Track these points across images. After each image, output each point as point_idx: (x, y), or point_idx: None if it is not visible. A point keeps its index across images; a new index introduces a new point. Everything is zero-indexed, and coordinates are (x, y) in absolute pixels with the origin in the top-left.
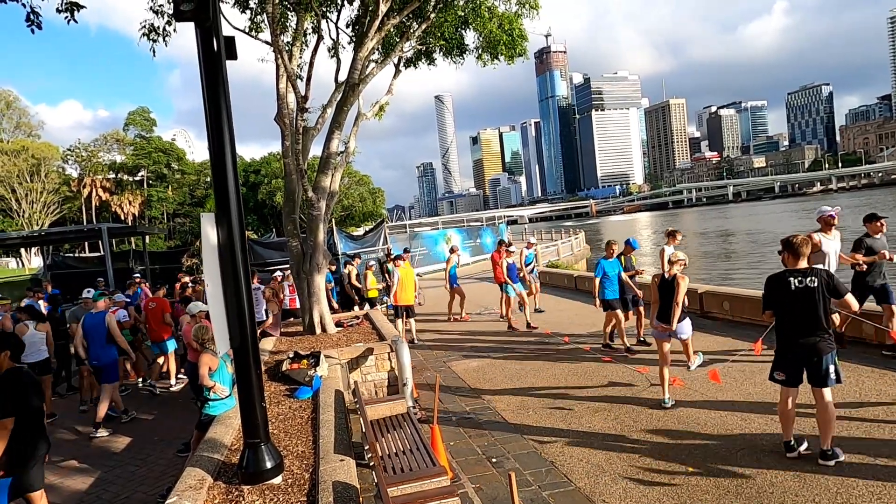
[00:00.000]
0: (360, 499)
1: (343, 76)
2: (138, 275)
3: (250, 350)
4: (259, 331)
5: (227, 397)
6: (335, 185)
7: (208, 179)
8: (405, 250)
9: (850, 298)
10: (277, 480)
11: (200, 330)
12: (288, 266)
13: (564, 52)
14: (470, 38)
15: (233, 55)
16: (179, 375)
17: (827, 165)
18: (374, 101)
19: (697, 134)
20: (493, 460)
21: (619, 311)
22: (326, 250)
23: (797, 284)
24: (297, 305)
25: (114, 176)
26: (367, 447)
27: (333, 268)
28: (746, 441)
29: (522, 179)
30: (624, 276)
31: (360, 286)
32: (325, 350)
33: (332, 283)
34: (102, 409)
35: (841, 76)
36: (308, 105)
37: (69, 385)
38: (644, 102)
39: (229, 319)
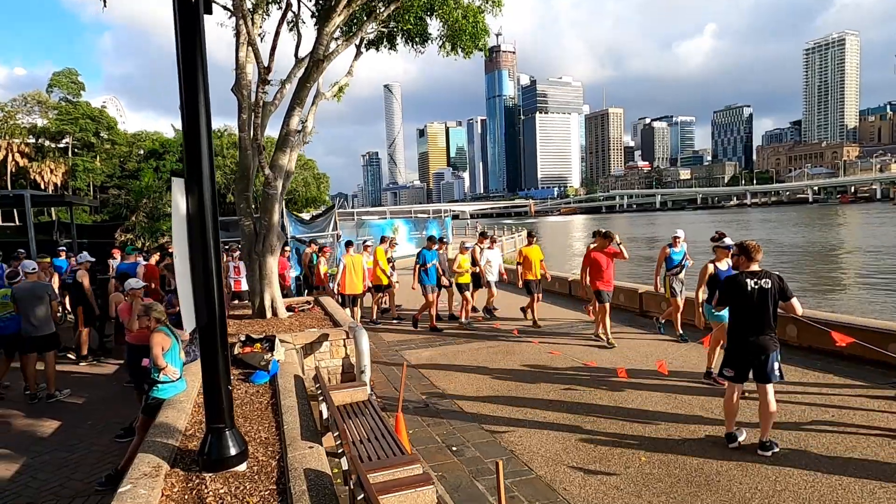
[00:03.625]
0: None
1: (304, 51)
2: (63, 248)
3: (218, 329)
4: None
5: (177, 380)
6: (292, 164)
7: (141, 152)
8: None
9: (795, 302)
10: (242, 468)
11: (152, 308)
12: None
13: (514, 52)
14: (433, 27)
15: (209, 9)
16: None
17: (743, 182)
18: (332, 82)
19: (632, 143)
20: (454, 449)
21: None
22: (280, 232)
23: (753, 286)
24: (242, 287)
25: (34, 141)
26: (335, 435)
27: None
28: (690, 431)
29: (466, 175)
30: None
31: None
32: (279, 334)
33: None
34: None
35: (760, 99)
36: (270, 79)
37: None
38: (585, 109)
39: (196, 296)
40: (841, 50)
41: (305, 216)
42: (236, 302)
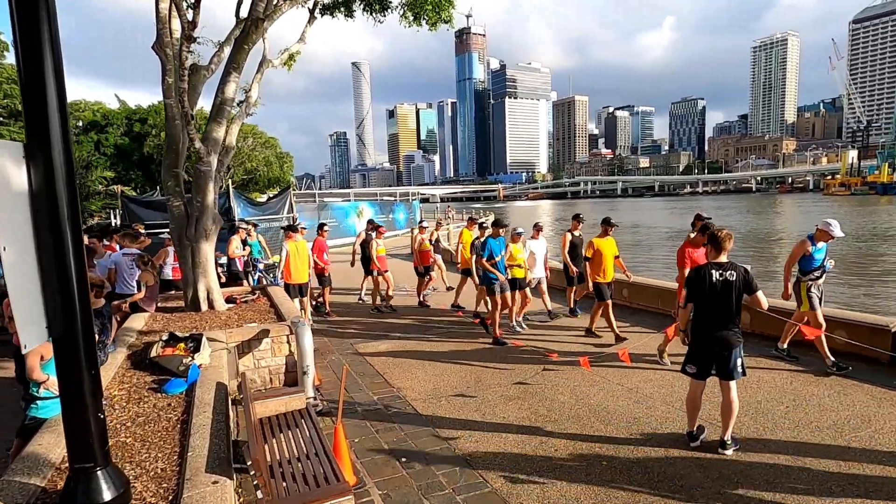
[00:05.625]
0: None
1: (245, 12)
2: None
3: (81, 341)
4: (127, 303)
5: None
6: (231, 138)
7: (80, 124)
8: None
9: (760, 295)
10: None
11: None
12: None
13: (484, 35)
14: None
15: None
16: None
17: (696, 171)
18: (283, 49)
19: (596, 131)
20: (403, 459)
21: None
22: (217, 214)
23: (718, 277)
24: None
25: None
26: (247, 465)
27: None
28: (652, 430)
29: (436, 158)
30: None
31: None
32: (210, 331)
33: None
34: None
35: (713, 93)
36: (198, 35)
37: None
38: (553, 95)
39: (47, 298)
40: (783, 49)
41: (264, 198)
42: (173, 292)
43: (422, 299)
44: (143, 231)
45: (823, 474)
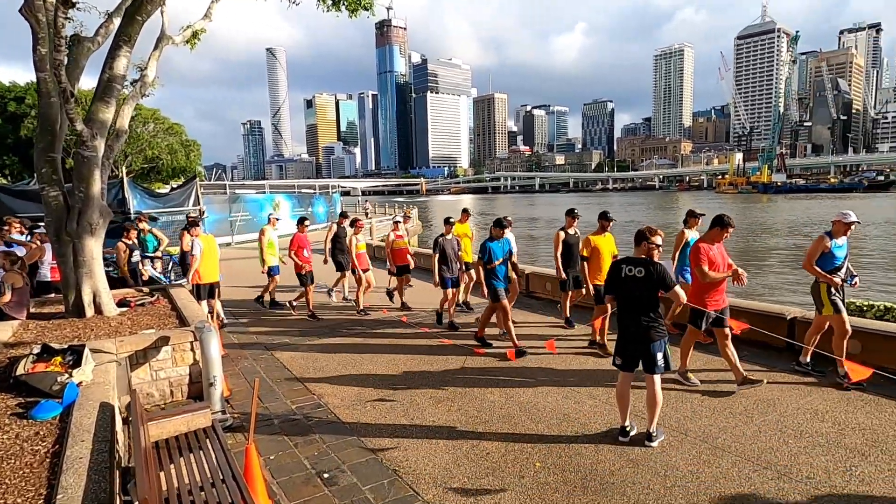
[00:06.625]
0: None
1: None
2: None
3: None
4: None
5: None
6: (123, 120)
7: None
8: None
9: (678, 290)
10: None
11: None
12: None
13: (405, 28)
14: None
15: None
16: None
17: (606, 169)
18: (185, 25)
19: (515, 128)
20: (326, 475)
21: None
22: (105, 206)
23: (627, 273)
24: None
25: None
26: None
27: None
28: (582, 425)
29: (357, 151)
30: None
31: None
32: (96, 340)
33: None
34: None
35: (621, 95)
36: (77, 0)
37: None
38: (473, 92)
39: None
40: (681, 59)
41: (167, 189)
42: (53, 295)
43: (403, 300)
44: (25, 225)
45: (741, 460)
